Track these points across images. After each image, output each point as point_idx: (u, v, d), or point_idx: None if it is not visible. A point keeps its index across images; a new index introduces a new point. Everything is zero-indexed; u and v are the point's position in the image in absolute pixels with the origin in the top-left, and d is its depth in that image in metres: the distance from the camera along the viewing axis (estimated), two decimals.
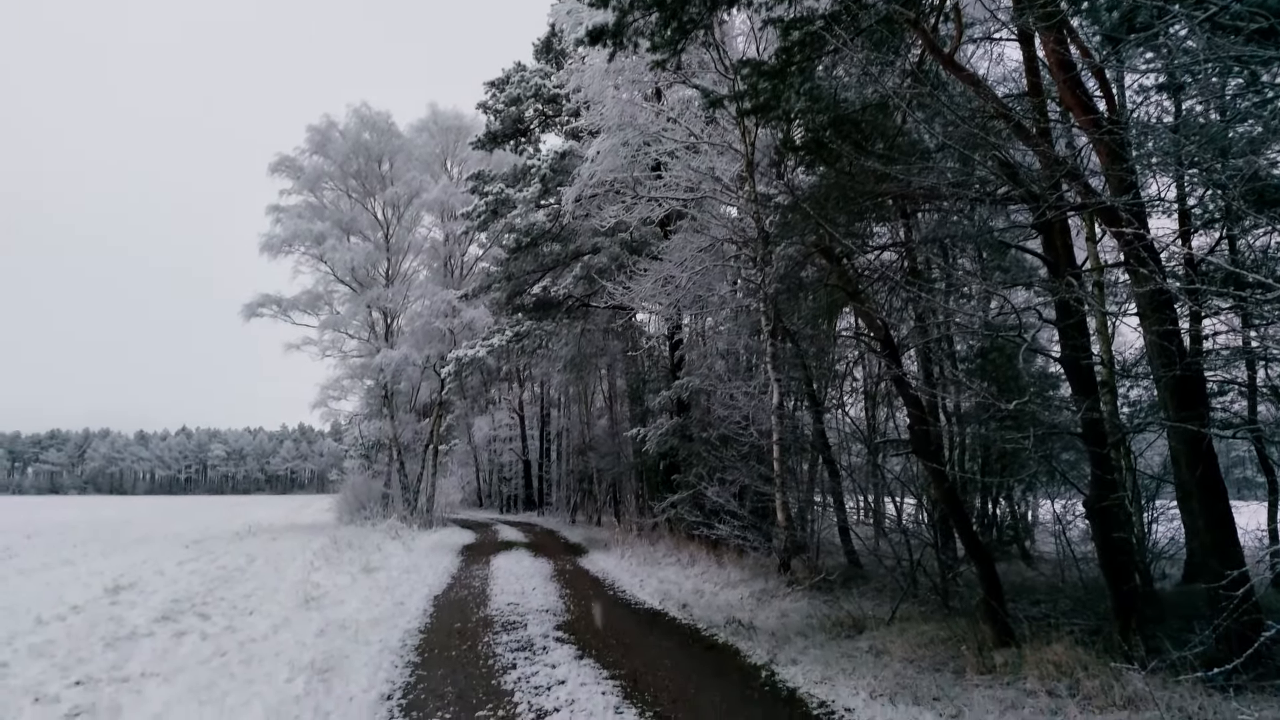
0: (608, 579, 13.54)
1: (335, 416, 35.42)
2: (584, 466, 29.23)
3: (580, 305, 19.56)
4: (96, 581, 13.83)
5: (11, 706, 6.15)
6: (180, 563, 16.97)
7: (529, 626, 9.16)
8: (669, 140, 13.68)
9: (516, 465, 45.29)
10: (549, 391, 38.53)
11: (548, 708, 5.94)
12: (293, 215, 28.12)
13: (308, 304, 28.75)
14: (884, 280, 10.53)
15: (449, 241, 29.30)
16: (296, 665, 7.22)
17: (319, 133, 28.04)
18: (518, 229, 18.98)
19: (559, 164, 17.49)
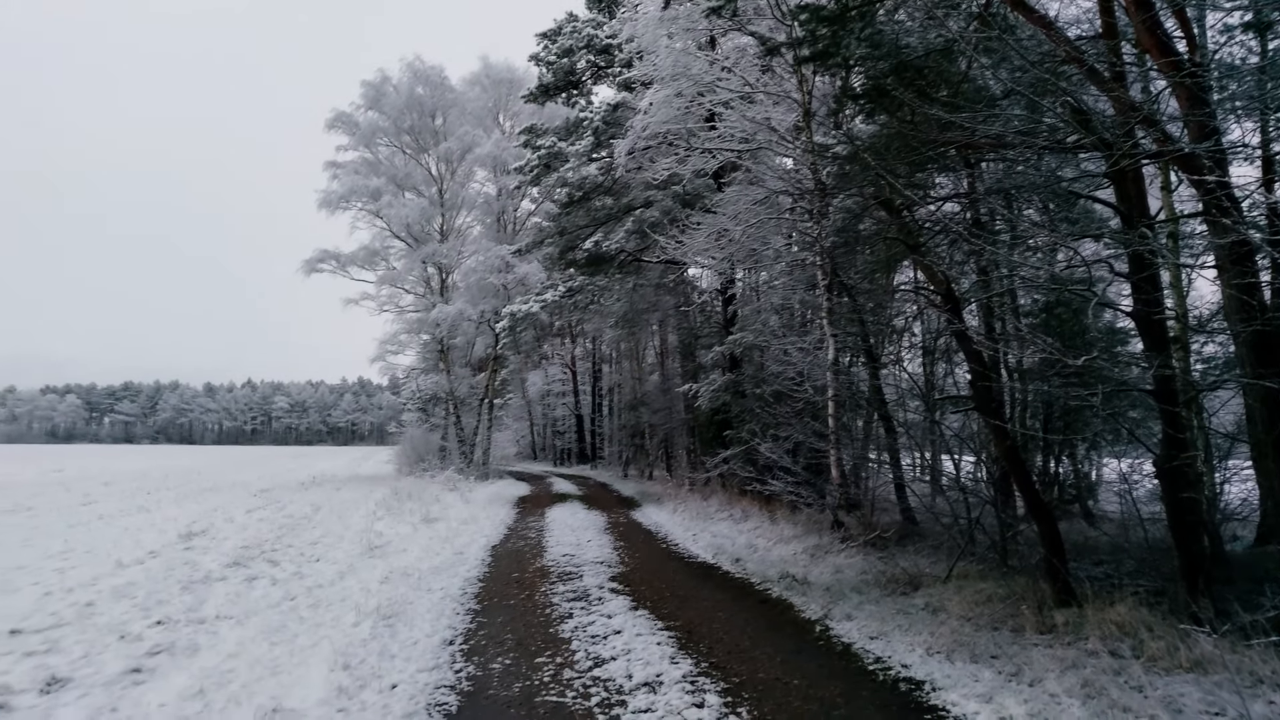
0: (660, 532, 13.68)
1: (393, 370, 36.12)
2: (636, 421, 29.38)
3: (632, 260, 19.46)
4: (171, 528, 14.45)
5: (98, 644, 6.49)
6: (249, 511, 17.63)
7: (584, 577, 9.32)
8: (723, 90, 13.37)
9: (569, 419, 45.79)
10: (601, 347, 38.71)
11: (605, 656, 6.05)
12: (349, 171, 28.46)
13: (365, 260, 29.19)
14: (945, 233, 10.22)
15: (502, 196, 29.35)
16: (363, 610, 7.47)
17: (373, 88, 28.15)
18: (570, 183, 18.89)
19: (611, 116, 17.28)
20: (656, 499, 18.94)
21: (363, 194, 27.99)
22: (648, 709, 4.95)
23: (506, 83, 29.38)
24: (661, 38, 14.17)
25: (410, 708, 4.98)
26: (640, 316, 24.65)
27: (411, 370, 36.89)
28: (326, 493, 22.93)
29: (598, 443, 40.41)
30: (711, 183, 16.83)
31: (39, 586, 9.14)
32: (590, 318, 28.57)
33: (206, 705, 5.05)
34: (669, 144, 15.06)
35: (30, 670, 5.71)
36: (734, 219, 13.49)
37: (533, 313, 20.38)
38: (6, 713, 4.94)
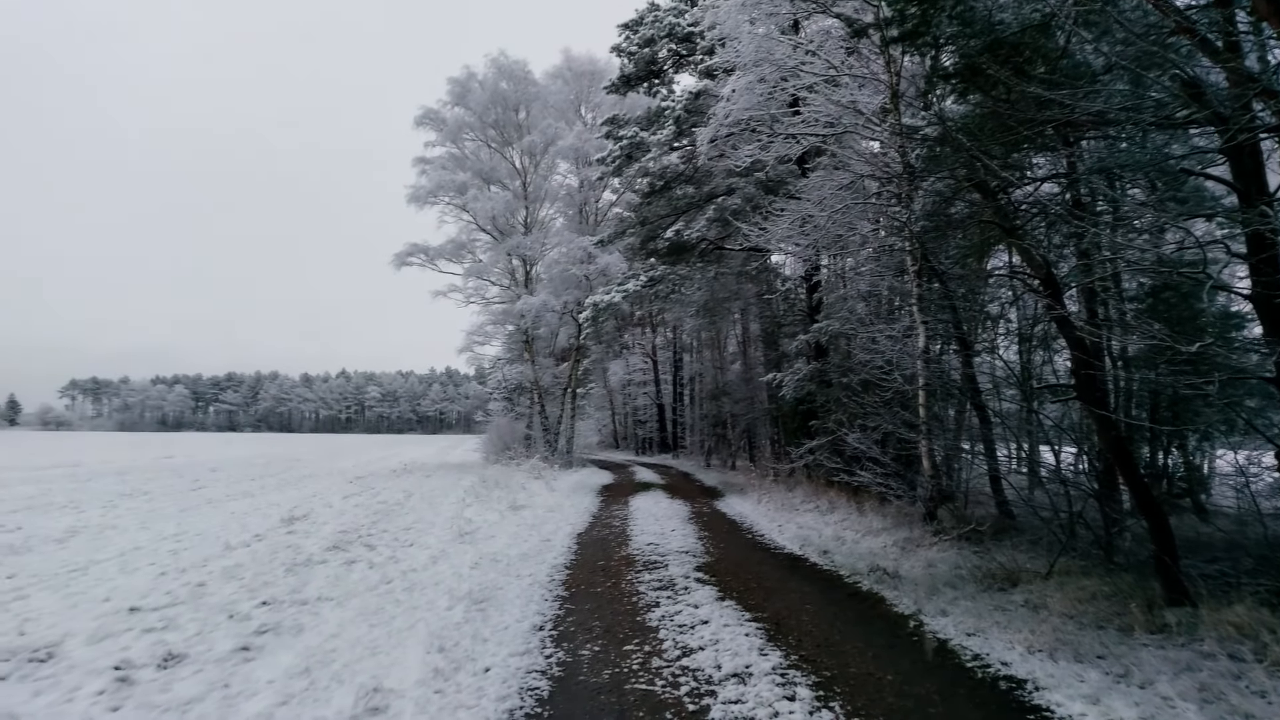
0: (745, 523, 13.61)
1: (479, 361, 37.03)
2: (717, 411, 29.26)
3: (713, 248, 19.35)
4: (274, 512, 15.13)
5: (210, 622, 6.84)
6: (345, 497, 18.31)
7: (670, 567, 9.34)
8: (807, 74, 13.13)
9: (650, 409, 45.95)
10: (681, 336, 38.68)
11: (693, 645, 6.05)
12: (436, 166, 29.16)
13: (452, 253, 29.87)
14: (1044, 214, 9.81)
15: (583, 188, 29.60)
16: (455, 594, 7.66)
17: (459, 84, 28.72)
18: (651, 172, 18.90)
19: (693, 104, 17.19)
20: (740, 489, 18.85)
21: (450, 188, 28.65)
22: (738, 700, 4.93)
23: (588, 75, 29.56)
24: (744, 23, 14.00)
25: (503, 691, 5.09)
26: (721, 305, 24.51)
27: (497, 360, 37.69)
28: (417, 480, 23.62)
29: (679, 432, 40.44)
30: (795, 168, 16.56)
31: (155, 566, 9.70)
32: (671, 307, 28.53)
33: (311, 683, 5.27)
34: (751, 130, 14.89)
35: (149, 646, 6.06)
36: (818, 204, 13.24)
37: (615, 303, 20.48)
38: (129, 685, 5.25)
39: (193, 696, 5.03)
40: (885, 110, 12.04)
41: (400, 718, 4.63)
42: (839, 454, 14.15)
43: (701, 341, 32.81)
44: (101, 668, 5.54)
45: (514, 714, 4.74)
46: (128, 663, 5.64)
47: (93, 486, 21.51)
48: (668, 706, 4.86)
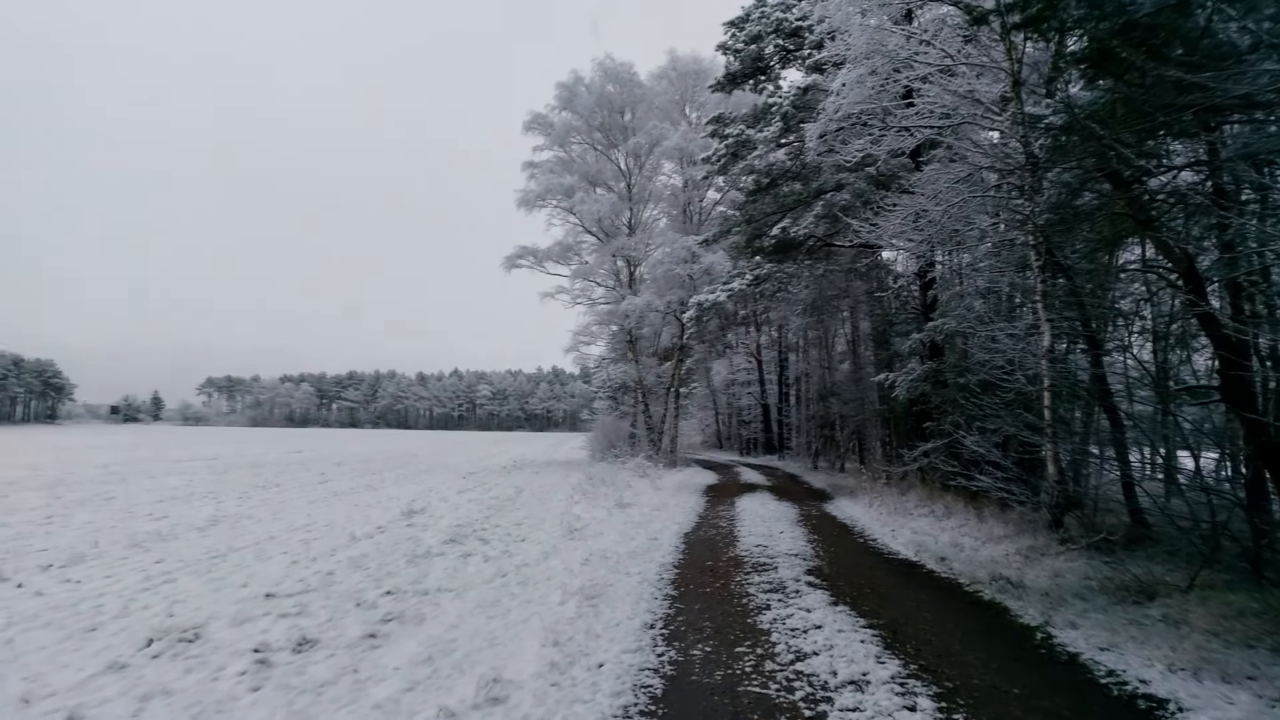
0: (856, 527, 13.30)
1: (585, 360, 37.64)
2: (825, 412, 28.72)
3: (821, 245, 18.99)
4: (394, 506, 15.79)
5: (339, 610, 7.20)
6: (460, 491, 18.94)
7: (779, 569, 9.22)
8: (921, 64, 12.69)
9: (755, 409, 45.50)
10: (787, 335, 38.14)
11: (806, 650, 5.95)
12: (544, 170, 29.79)
13: (559, 255, 30.46)
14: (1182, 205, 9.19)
15: (688, 188, 29.61)
16: (568, 590, 7.79)
17: (567, 89, 29.26)
18: (757, 170, 18.72)
19: (801, 100, 16.91)
20: (849, 492, 18.44)
21: (557, 191, 29.24)
22: (855, 708, 4.82)
23: (693, 74, 29.58)
24: (854, 15, 13.67)
25: (617, 687, 5.13)
26: (829, 303, 24.04)
27: (602, 360, 38.21)
28: (527, 476, 24.19)
29: (785, 433, 39.89)
30: (908, 162, 16.08)
31: (287, 555, 10.29)
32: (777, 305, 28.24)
33: (434, 671, 5.46)
34: (862, 124, 14.52)
35: (285, 630, 6.42)
36: (933, 198, 12.80)
37: (719, 302, 20.40)
38: (268, 667, 5.57)
39: (326, 680, 5.29)
40: (1005, 99, 11.51)
41: (519, 709, 4.73)
42: (956, 457, 13.64)
43: (808, 340, 32.26)
44: (243, 650, 5.90)
45: (628, 710, 4.77)
46: (266, 646, 5.98)
47: (229, 479, 22.98)
48: (782, 711, 4.79)
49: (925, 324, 15.71)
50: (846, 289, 22.61)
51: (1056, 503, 10.61)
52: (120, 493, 18.30)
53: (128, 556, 10.25)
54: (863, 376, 24.12)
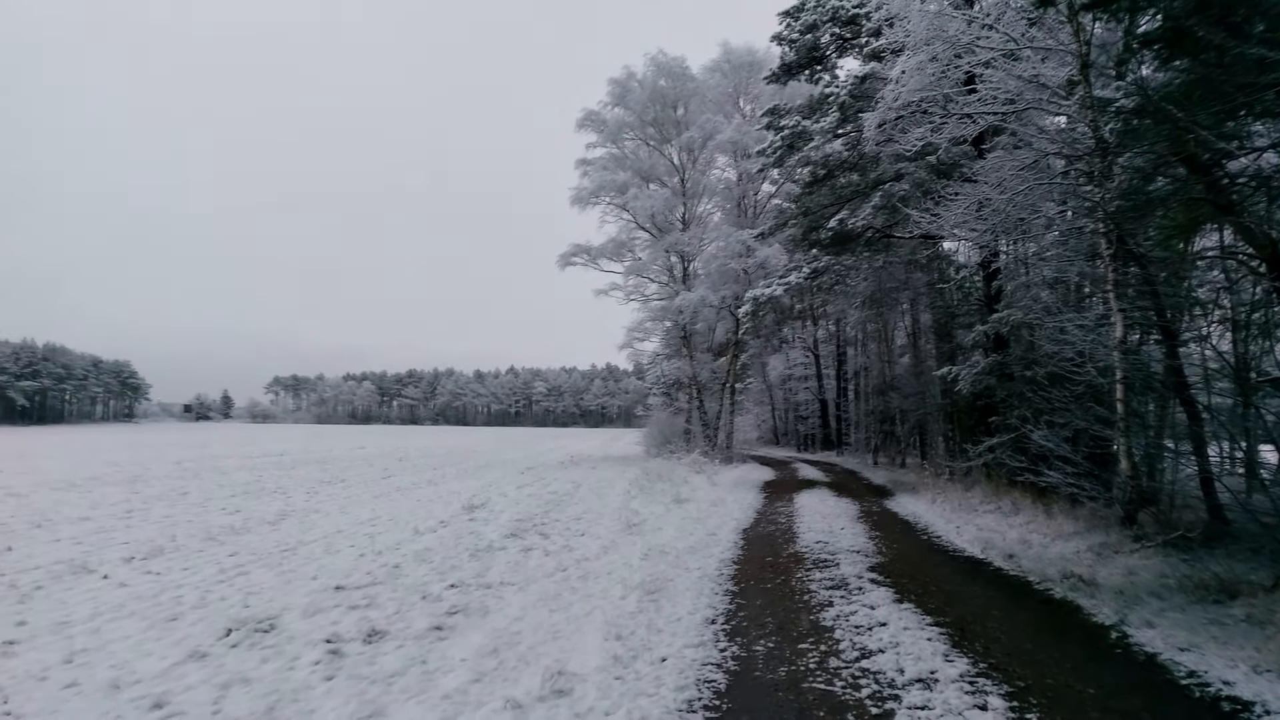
0: (919, 523, 13.04)
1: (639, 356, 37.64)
2: (884, 406, 28.25)
3: (880, 237, 18.64)
4: (455, 500, 16.03)
5: (406, 602, 7.33)
6: (519, 487, 19.14)
7: (841, 566, 9.09)
8: (984, 49, 12.34)
9: (812, 404, 45.02)
10: (845, 329, 37.61)
11: (871, 647, 5.85)
12: (597, 167, 29.90)
13: (613, 251, 30.56)
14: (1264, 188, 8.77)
15: (742, 181, 29.39)
16: (628, 584, 7.80)
17: (619, 84, 29.30)
18: (813, 161, 18.46)
19: (858, 89, 16.62)
20: (911, 488, 18.10)
21: (610, 188, 29.31)
22: (924, 706, 4.71)
23: (746, 66, 29.30)
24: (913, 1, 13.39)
25: (681, 681, 5.11)
26: (889, 296, 23.62)
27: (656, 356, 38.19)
28: (584, 471, 24.34)
29: (843, 428, 39.34)
30: (970, 150, 15.69)
31: (354, 549, 10.52)
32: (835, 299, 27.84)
33: (500, 663, 5.52)
34: (922, 112, 14.20)
35: (355, 622, 6.55)
36: (997, 186, 12.45)
37: (775, 296, 20.21)
38: (340, 657, 5.69)
39: (395, 670, 5.39)
40: (1073, 82, 11.12)
41: (584, 701, 4.75)
42: (1022, 452, 13.28)
43: (867, 334, 31.76)
44: (315, 640, 6.05)
45: (692, 704, 4.75)
46: (337, 636, 6.12)
47: (297, 474, 23.63)
48: (849, 708, 4.71)
49: (989, 316, 15.31)
50: (906, 281, 22.18)
51: (1130, 499, 10.24)
52: (194, 488, 18.95)
53: (203, 549, 10.61)
54: (924, 370, 23.63)
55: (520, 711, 4.60)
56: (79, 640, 6.26)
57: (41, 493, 17.64)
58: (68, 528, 12.54)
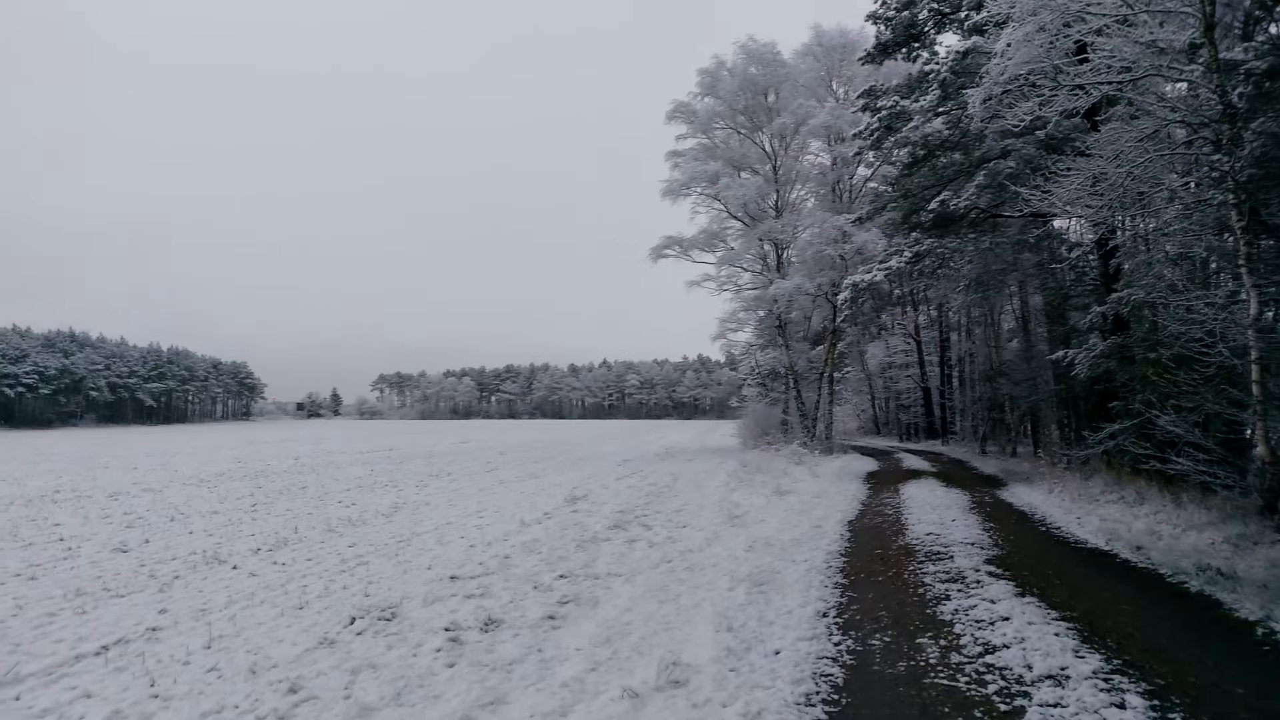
0: (1036, 514, 12.52)
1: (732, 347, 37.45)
2: (992, 393, 27.21)
3: (986, 217, 17.93)
4: (558, 492, 16.33)
5: (519, 592, 7.52)
6: (618, 479, 19.34)
7: (955, 558, 8.82)
8: (1095, 16, 11.67)
9: (914, 392, 43.76)
10: (948, 314, 36.38)
11: (995, 642, 5.65)
12: (688, 159, 29.84)
13: (705, 242, 30.45)
14: None
15: (836, 166, 28.75)
16: (735, 576, 7.78)
17: (709, 74, 29.13)
18: (913, 142, 17.90)
19: (960, 65, 16.00)
20: (1025, 478, 17.39)
21: (701, 179, 29.20)
22: (1056, 703, 4.52)
23: (839, 48, 28.64)
24: None
25: (796, 675, 5.06)
26: (995, 278, 22.68)
27: (750, 346, 37.92)
28: (680, 464, 24.39)
29: (948, 416, 38.07)
30: (1082, 122, 14.91)
31: (464, 540, 10.86)
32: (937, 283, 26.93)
33: (614, 653, 5.59)
34: (1030, 85, 13.54)
35: (472, 611, 6.76)
36: (1113, 159, 11.78)
37: (875, 282, 19.67)
38: (460, 645, 5.88)
39: (514, 658, 5.54)
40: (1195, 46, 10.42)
41: (700, 691, 4.77)
42: (1147, 438, 12.58)
43: (972, 319, 30.62)
44: (435, 628, 6.27)
45: (810, 698, 4.70)
46: (456, 625, 6.33)
47: (406, 468, 24.53)
48: (975, 705, 4.56)
49: (1108, 296, 14.53)
50: (1014, 262, 21.25)
51: (1270, 486, 9.58)
52: (312, 482, 19.93)
53: (324, 540, 11.16)
54: (1035, 354, 22.65)
55: (638, 701, 4.65)
56: (217, 627, 6.69)
57: (174, 488, 18.89)
58: (199, 521, 13.40)
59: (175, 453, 35.65)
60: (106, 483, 20.27)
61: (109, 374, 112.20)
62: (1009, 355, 26.64)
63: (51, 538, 11.68)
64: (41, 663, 5.81)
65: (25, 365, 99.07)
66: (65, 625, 6.93)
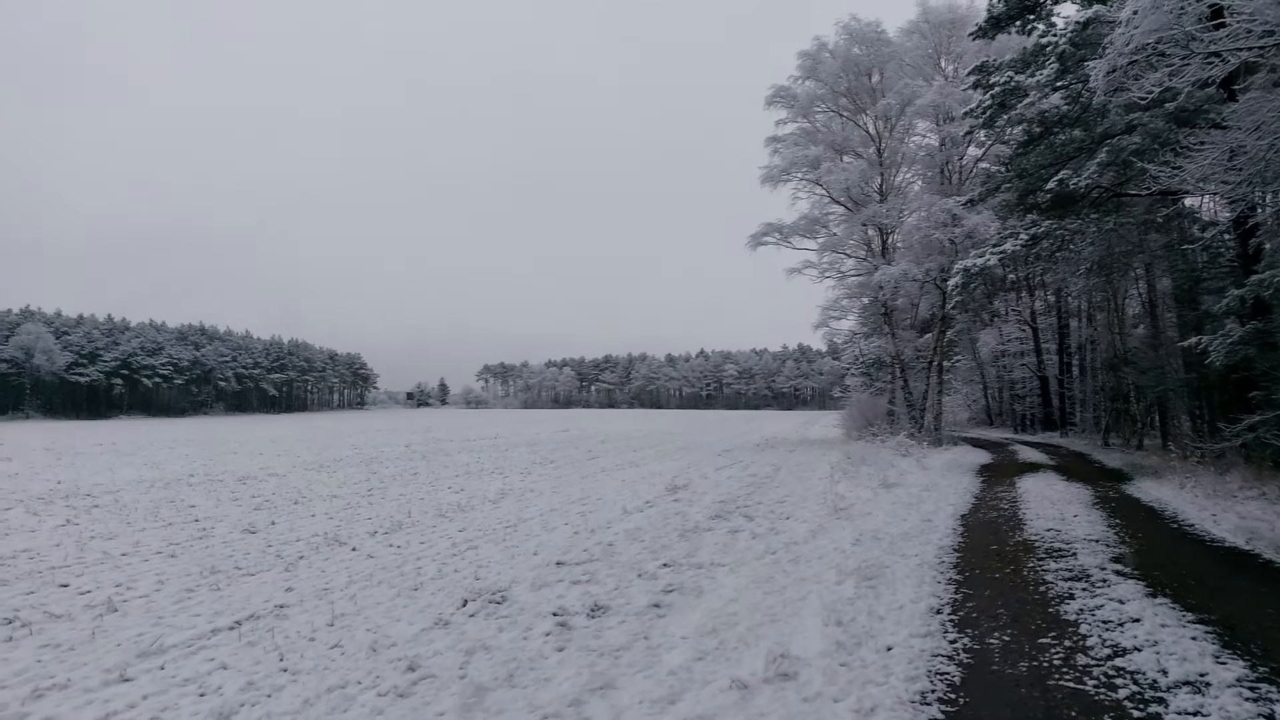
0: (1166, 511, 11.77)
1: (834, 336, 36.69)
2: (1116, 382, 25.78)
3: (1109, 196, 16.93)
4: (658, 481, 16.43)
5: (623, 579, 7.61)
6: (718, 469, 19.31)
7: (1079, 556, 8.39)
8: None
9: (1030, 381, 41.88)
10: (1066, 299, 34.62)
11: (1125, 645, 5.35)
12: (788, 144, 29.36)
13: (806, 229, 29.90)
14: None
15: (945, 146, 27.69)
16: (843, 570, 7.64)
17: (809, 57, 28.56)
18: (1028, 119, 17.10)
19: (1080, 36, 15.13)
20: (1152, 472, 16.39)
21: (802, 164, 28.68)
22: (1196, 712, 4.24)
23: (947, 25, 27.57)
24: None
25: (910, 672, 4.93)
26: (1119, 261, 21.45)
27: (853, 335, 37.10)
28: (781, 454, 24.15)
29: (1067, 407, 36.24)
30: (1218, 93, 13.88)
31: (569, 526, 11.07)
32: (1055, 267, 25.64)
33: (721, 643, 5.59)
34: (1159, 55, 12.71)
35: (579, 597, 6.89)
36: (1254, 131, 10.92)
37: (988, 266, 18.89)
38: (568, 630, 6.00)
39: (620, 645, 5.61)
40: None
41: (810, 685, 4.70)
42: None
43: (1093, 304, 29.04)
44: (544, 612, 6.42)
45: (925, 696, 4.57)
46: (563, 610, 6.46)
47: (511, 456, 25.20)
48: (1105, 709, 4.33)
49: (1246, 278, 13.51)
50: (1140, 243, 20.03)
51: None
52: (423, 469, 20.71)
53: (436, 525, 11.58)
54: (1163, 341, 21.30)
55: (747, 693, 4.63)
56: (339, 605, 7.04)
57: (297, 473, 19.97)
58: (320, 504, 14.12)
59: (296, 439, 37.70)
60: (235, 467, 21.61)
61: (235, 365, 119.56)
62: (1134, 342, 25.16)
63: (188, 518, 12.53)
64: (182, 635, 6.25)
65: (161, 358, 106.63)
66: (202, 601, 7.44)
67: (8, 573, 8.70)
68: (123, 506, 13.88)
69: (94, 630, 6.43)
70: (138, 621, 6.71)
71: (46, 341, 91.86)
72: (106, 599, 7.36)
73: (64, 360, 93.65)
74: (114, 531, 11.33)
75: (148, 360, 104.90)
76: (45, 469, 21.46)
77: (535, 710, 4.51)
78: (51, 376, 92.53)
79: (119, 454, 27.51)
